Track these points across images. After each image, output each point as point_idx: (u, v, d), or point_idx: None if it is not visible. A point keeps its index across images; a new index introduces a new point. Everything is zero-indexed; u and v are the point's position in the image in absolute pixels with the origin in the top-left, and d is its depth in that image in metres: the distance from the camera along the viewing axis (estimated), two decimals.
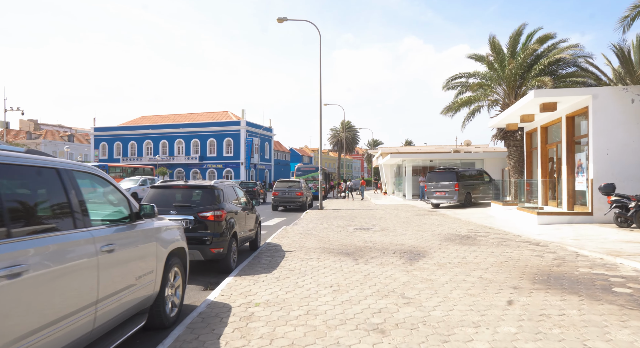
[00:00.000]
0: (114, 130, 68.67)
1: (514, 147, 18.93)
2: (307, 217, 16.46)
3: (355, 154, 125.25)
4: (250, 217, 8.81)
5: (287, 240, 10.12)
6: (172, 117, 70.77)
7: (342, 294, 5.25)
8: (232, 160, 63.69)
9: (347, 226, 13.02)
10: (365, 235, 10.73)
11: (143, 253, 3.82)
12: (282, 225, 14.26)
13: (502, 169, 24.94)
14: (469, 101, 20.55)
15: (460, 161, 25.83)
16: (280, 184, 21.44)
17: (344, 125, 58.00)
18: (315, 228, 12.49)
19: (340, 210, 19.77)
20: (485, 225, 12.60)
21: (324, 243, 9.57)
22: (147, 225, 4.04)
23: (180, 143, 66.06)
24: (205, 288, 6.18)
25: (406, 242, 9.55)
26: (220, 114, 68.53)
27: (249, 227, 8.74)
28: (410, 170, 26.55)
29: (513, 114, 14.80)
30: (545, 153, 15.69)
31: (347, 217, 16.37)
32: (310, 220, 15.36)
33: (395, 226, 12.78)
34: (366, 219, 15.20)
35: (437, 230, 11.49)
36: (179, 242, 4.77)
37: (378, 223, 13.80)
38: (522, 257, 7.44)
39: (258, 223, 9.62)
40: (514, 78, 18.30)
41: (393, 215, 16.54)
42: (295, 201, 20.85)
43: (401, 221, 14.29)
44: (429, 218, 15.04)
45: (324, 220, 14.96)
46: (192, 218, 6.73)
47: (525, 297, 4.96)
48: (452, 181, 19.17)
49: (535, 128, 16.32)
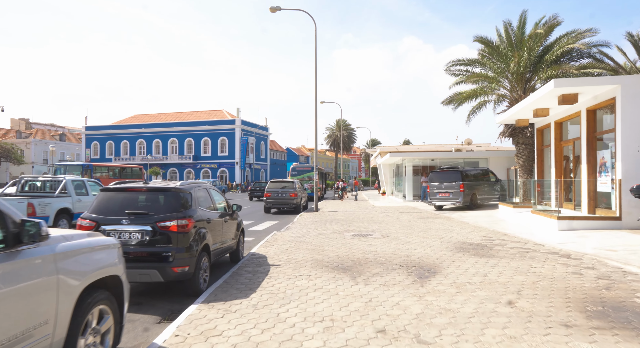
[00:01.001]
0: (106, 129, 67.13)
1: (523, 145, 17.64)
2: (301, 221, 15.13)
3: (353, 154, 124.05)
4: (229, 225, 7.46)
5: (275, 250, 8.78)
6: (166, 115, 69.28)
7: (336, 335, 3.92)
8: (226, 159, 62.28)
9: (344, 232, 11.69)
10: (364, 244, 9.40)
11: (26, 297, 2.47)
12: (273, 230, 12.93)
13: (507, 168, 23.68)
14: (473, 94, 19.21)
15: (463, 160, 24.54)
16: (273, 185, 20.10)
17: (340, 124, 56.71)
18: (308, 235, 11.16)
19: (336, 213, 18.44)
20: (498, 230, 11.30)
21: (317, 253, 8.24)
22: (40, 251, 2.68)
23: (173, 142, 64.59)
24: (161, 320, 4.84)
25: (412, 252, 8.23)
26: (215, 113, 67.10)
27: (229, 236, 7.40)
28: (410, 170, 25.24)
29: (526, 107, 13.50)
30: (560, 151, 14.40)
31: (344, 220, 15.05)
32: (303, 224, 14.03)
33: (398, 232, 11.46)
34: (365, 223, 13.88)
35: (446, 237, 10.17)
36: (110, 268, 3.43)
37: (378, 228, 12.48)
38: (557, 275, 6.12)
39: (240, 231, 8.28)
40: (523, 70, 16.99)
41: (394, 219, 15.22)
42: (288, 203, 19.51)
43: (404, 226, 12.98)
44: (433, 222, 13.73)
45: (319, 225, 13.63)
46: (150, 229, 5.38)
47: (588, 343, 3.63)
48: (456, 181, 17.87)
49: (548, 124, 15.03)
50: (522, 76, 17.53)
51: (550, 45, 17.32)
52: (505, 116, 15.83)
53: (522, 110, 14.12)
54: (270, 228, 13.75)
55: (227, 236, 7.31)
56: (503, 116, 16.15)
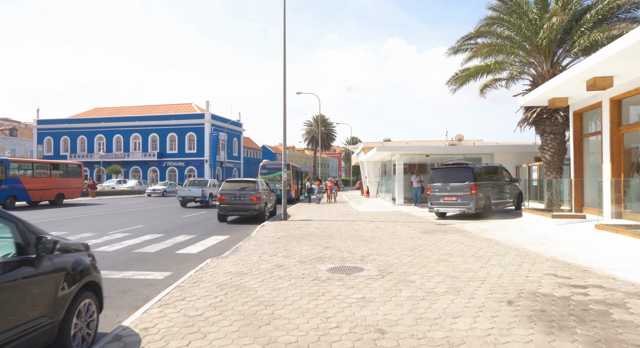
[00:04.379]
0: (61, 123, 60.93)
1: (552, 135, 13.63)
2: (259, 237, 10.72)
3: (333, 152, 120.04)
4: (25, 291, 3.00)
5: (177, 318, 4.36)
6: (129, 109, 63.50)
7: None
8: (195, 157, 57.12)
9: (317, 260, 7.34)
10: (352, 298, 5.06)
11: None
12: (213, 254, 8.52)
13: (516, 165, 19.78)
14: (484, 69, 15.07)
15: (464, 156, 20.52)
16: (229, 185, 15.57)
17: (319, 120, 52.31)
18: (258, 269, 6.75)
19: (310, 223, 14.08)
20: (562, 260, 7.14)
21: (257, 334, 3.86)
22: None
23: (136, 138, 58.97)
24: None
25: (453, 327, 3.93)
26: (183, 106, 61.78)
27: (19, 317, 2.94)
28: (401, 168, 21.03)
29: (576, 77, 9.43)
30: (619, 139, 10.39)
31: (319, 235, 10.70)
32: (260, 242, 9.62)
33: (402, 261, 7.18)
34: (349, 241, 9.56)
35: (491, 279, 5.92)
36: None
37: (370, 252, 8.18)
38: None
39: (71, 295, 3.71)
40: (555, 34, 12.90)
41: (389, 233, 10.96)
42: (248, 208, 15.02)
43: (407, 247, 8.72)
44: (447, 241, 9.52)
45: (282, 244, 9.25)
46: None
47: None
48: (467, 181, 13.76)
49: (597, 104, 11.02)
50: (551, 45, 13.51)
51: (589, 7, 13.35)
52: (536, 94, 11.73)
53: (563, 85, 10.06)
54: (210, 250, 9.29)
55: (14, 318, 2.85)
56: (532, 95, 12.06)
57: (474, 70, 15.04)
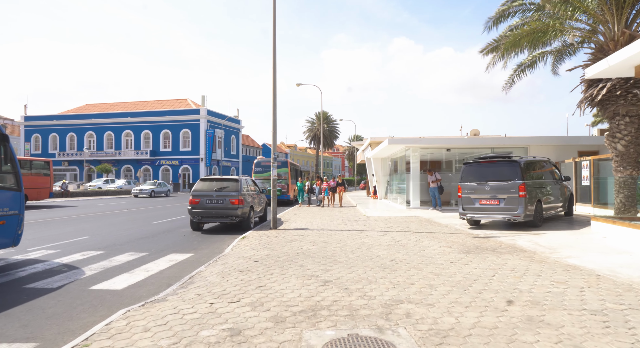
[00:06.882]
0: (49, 120, 57.92)
1: (627, 118, 10.28)
2: (230, 258, 7.44)
3: (336, 152, 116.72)
4: None
5: None
6: (121, 105, 60.39)
7: None
8: (190, 155, 53.97)
9: (307, 317, 4.04)
10: None
11: None
12: (135, 298, 5.22)
13: (557, 161, 16.36)
14: (544, 27, 11.40)
15: (492, 150, 17.14)
16: (204, 185, 12.28)
17: (321, 116, 48.92)
18: (198, 344, 3.44)
19: (306, 234, 10.79)
20: None
21: None
22: None
23: (128, 135, 55.87)
24: None
25: None
26: (178, 102, 58.61)
27: None
28: (417, 165, 17.65)
29: None
30: None
31: (315, 256, 7.40)
32: (227, 271, 6.33)
33: (463, 321, 3.87)
34: (360, 270, 6.26)
35: None
36: None
37: (397, 293, 4.88)
38: None
39: None
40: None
41: (415, 253, 7.64)
42: (228, 214, 11.74)
43: (456, 283, 5.41)
44: (510, 268, 6.20)
45: (257, 276, 5.96)
46: None
47: None
48: (512, 180, 10.42)
49: None
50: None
51: None
52: (619, 58, 8.35)
53: None
54: (148, 282, 6.00)
55: None
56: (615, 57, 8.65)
57: (526, 32, 11.47)
